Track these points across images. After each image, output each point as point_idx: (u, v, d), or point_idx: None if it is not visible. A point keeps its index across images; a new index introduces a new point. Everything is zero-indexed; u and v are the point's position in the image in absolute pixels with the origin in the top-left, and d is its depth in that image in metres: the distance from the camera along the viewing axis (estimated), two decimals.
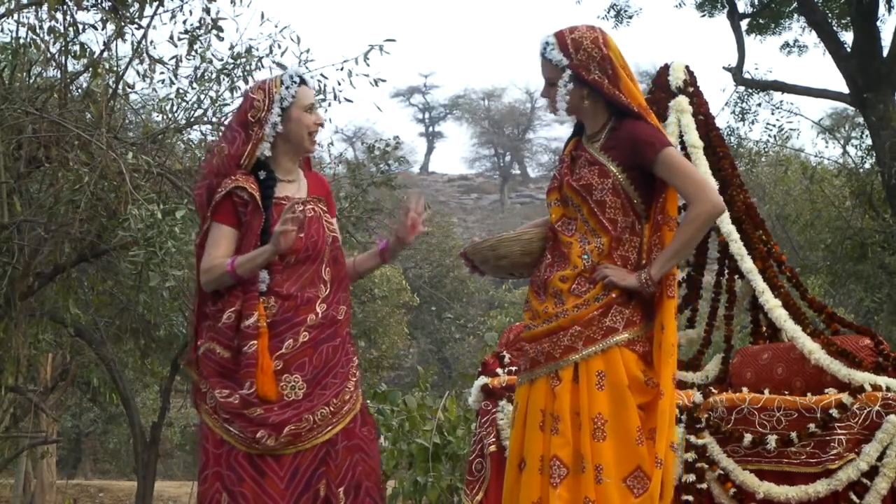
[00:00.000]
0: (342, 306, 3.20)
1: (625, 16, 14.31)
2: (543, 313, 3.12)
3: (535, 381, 3.12)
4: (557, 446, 3.00)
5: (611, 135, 3.15)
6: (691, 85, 4.76)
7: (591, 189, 3.09)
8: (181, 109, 6.35)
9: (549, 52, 3.15)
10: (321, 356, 3.10)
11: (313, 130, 3.23)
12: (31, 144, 5.51)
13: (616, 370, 3.01)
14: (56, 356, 10.65)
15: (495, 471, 4.53)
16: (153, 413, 12.64)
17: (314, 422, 3.05)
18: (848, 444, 3.93)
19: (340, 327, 3.17)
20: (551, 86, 3.18)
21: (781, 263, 4.67)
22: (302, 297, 3.10)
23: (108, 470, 20.69)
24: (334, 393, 3.10)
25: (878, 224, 11.94)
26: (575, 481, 2.96)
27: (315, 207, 3.22)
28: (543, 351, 3.10)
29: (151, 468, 8.99)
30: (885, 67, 11.29)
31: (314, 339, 3.09)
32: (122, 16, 5.61)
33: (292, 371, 3.06)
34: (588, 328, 3.04)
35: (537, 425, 3.07)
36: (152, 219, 4.89)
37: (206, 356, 3.16)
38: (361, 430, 3.17)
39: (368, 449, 3.17)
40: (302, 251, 3.13)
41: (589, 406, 2.99)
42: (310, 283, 3.14)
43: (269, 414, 3.02)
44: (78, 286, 6.82)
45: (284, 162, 3.24)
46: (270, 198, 3.14)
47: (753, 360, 4.63)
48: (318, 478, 3.05)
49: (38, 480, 12.36)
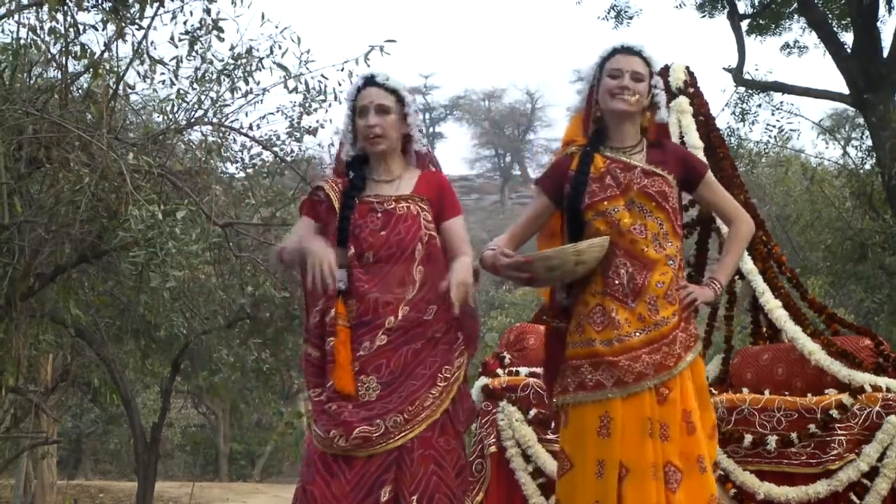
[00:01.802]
0: (431, 306, 3.10)
1: (625, 16, 14.33)
2: (638, 322, 3.15)
3: (636, 394, 3.12)
4: (670, 452, 3.09)
5: (654, 150, 3.30)
6: (692, 85, 4.76)
7: (666, 196, 3.22)
8: (182, 110, 6.34)
9: (646, 53, 3.30)
10: (400, 359, 3.04)
11: (365, 134, 3.21)
12: (31, 145, 5.50)
13: (700, 375, 3.25)
14: (56, 357, 10.64)
15: (495, 471, 4.53)
16: (154, 414, 12.63)
17: (386, 427, 3.00)
18: (848, 445, 3.93)
19: (427, 328, 3.08)
20: (639, 80, 3.26)
21: (782, 264, 4.68)
22: (382, 299, 3.06)
23: (108, 470, 20.68)
24: (410, 400, 3.02)
25: (879, 225, 11.94)
26: (695, 482, 3.08)
27: (411, 206, 3.18)
28: (653, 363, 3.12)
29: (152, 469, 8.98)
30: (886, 68, 11.29)
31: (393, 342, 3.04)
32: (122, 16, 5.61)
33: (368, 373, 3.03)
34: (685, 334, 3.19)
35: (644, 433, 3.10)
36: (153, 219, 4.89)
37: (303, 359, 3.19)
38: (439, 441, 3.06)
39: (444, 461, 3.06)
40: (383, 248, 3.10)
41: (699, 411, 3.16)
42: (397, 283, 3.09)
43: (343, 411, 2.99)
44: (78, 287, 6.81)
45: (375, 163, 3.25)
46: (352, 197, 3.16)
47: (754, 361, 4.63)
48: (381, 483, 2.99)
49: (39, 481, 12.35)
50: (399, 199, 3.18)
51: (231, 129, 6.49)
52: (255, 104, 6.41)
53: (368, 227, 3.12)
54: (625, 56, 3.29)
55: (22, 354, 6.44)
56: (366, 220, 3.14)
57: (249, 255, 6.71)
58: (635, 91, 3.24)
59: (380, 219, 3.14)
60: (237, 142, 6.74)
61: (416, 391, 3.04)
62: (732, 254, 3.37)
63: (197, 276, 6.37)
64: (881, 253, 11.93)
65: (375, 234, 3.11)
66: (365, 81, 3.25)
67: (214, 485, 16.59)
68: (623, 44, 3.32)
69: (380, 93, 3.23)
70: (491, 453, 4.56)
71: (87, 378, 10.62)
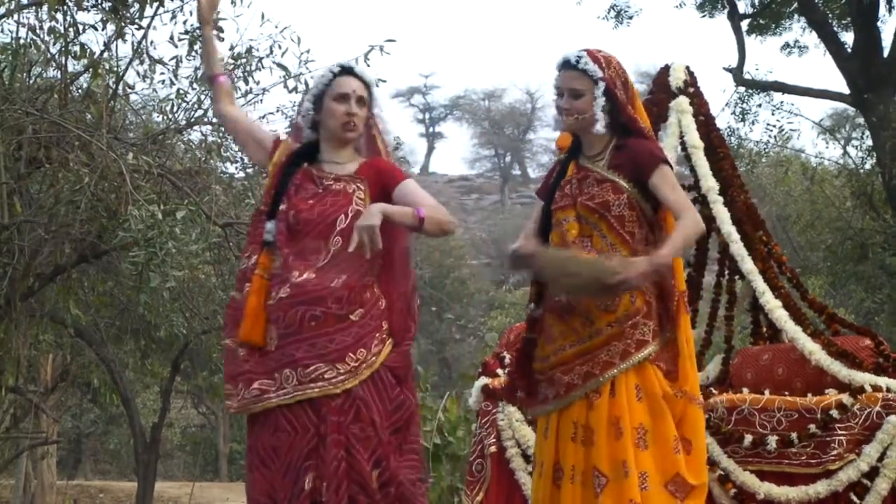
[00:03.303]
0: (342, 276, 3.08)
1: (625, 16, 14.34)
2: (573, 333, 3.16)
3: (571, 404, 3.16)
4: (595, 457, 3.09)
5: (616, 153, 3.24)
6: (692, 85, 4.76)
7: (608, 206, 3.18)
8: (181, 110, 6.34)
9: (583, 62, 3.20)
10: (296, 316, 3.04)
11: (344, 121, 3.22)
12: (31, 145, 5.50)
13: (651, 383, 3.14)
14: (56, 357, 10.64)
15: (496, 471, 4.53)
16: (153, 414, 12.64)
17: (280, 382, 3.02)
18: (848, 445, 3.93)
19: (329, 298, 3.05)
20: (577, 97, 3.21)
21: (782, 264, 4.67)
22: (298, 258, 3.10)
23: (108, 470, 20.70)
24: (304, 363, 3.02)
25: (879, 225, 11.95)
26: (617, 488, 3.05)
27: (348, 185, 3.20)
28: (581, 373, 3.14)
29: (152, 469, 8.98)
30: (886, 68, 11.29)
31: (294, 296, 3.05)
32: (122, 16, 5.60)
33: (271, 322, 3.07)
34: (623, 342, 3.12)
35: (569, 437, 3.15)
36: (153, 219, 4.89)
37: (229, 305, 3.21)
38: (351, 427, 3.03)
39: (354, 448, 3.01)
40: (305, 214, 3.14)
41: (630, 416, 3.09)
42: (311, 250, 3.11)
43: (249, 361, 3.05)
44: (78, 287, 6.81)
45: (327, 147, 3.28)
46: (297, 164, 3.22)
47: (754, 361, 4.63)
48: (305, 470, 3.00)
49: (39, 481, 12.36)
50: (339, 178, 3.23)
51: None
52: (254, 104, 6.41)
53: (301, 193, 3.18)
54: (564, 72, 3.25)
55: (22, 354, 6.44)
56: (303, 184, 3.20)
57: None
58: (573, 110, 3.22)
59: (314, 190, 3.19)
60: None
61: (313, 358, 3.04)
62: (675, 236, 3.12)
63: (197, 276, 6.37)
64: (881, 253, 11.94)
65: (305, 201, 3.16)
66: (343, 69, 3.28)
67: (214, 485, 16.60)
68: (561, 59, 3.26)
69: (360, 84, 3.27)
70: (491, 453, 4.56)
71: (87, 378, 10.62)
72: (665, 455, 3.10)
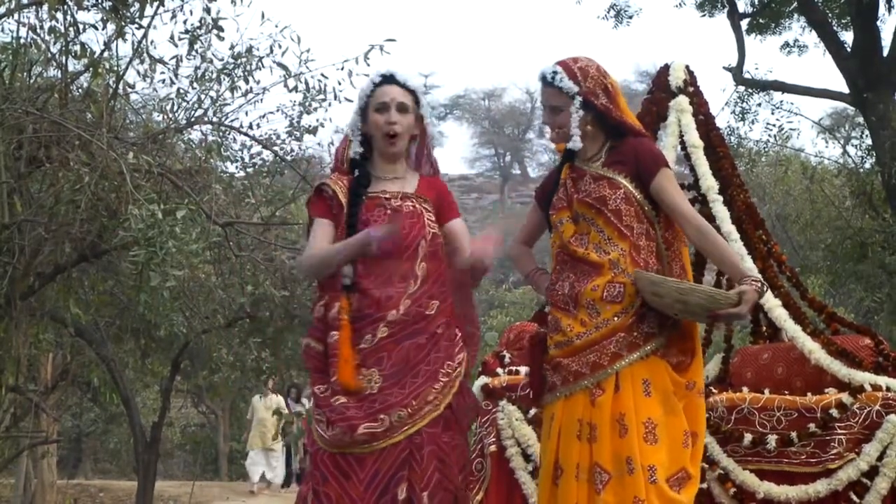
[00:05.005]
0: (434, 301, 3.10)
1: (625, 16, 14.35)
2: (580, 325, 3.17)
3: (574, 394, 3.17)
4: (597, 454, 3.10)
5: (612, 152, 3.27)
6: (691, 85, 4.76)
7: (605, 200, 3.19)
8: (182, 109, 6.33)
9: (558, 80, 3.22)
10: (402, 353, 3.04)
11: (385, 131, 3.18)
12: (31, 144, 5.49)
13: (661, 377, 3.14)
14: (56, 356, 10.63)
15: (495, 471, 4.54)
16: (153, 413, 12.63)
17: (391, 423, 3.00)
18: (848, 444, 3.93)
19: (429, 323, 3.08)
20: (557, 113, 3.24)
21: (781, 263, 4.68)
22: (384, 293, 3.06)
23: (108, 470, 20.67)
24: (414, 394, 3.02)
25: (879, 224, 11.94)
26: (620, 484, 3.05)
27: (415, 204, 3.18)
28: (588, 362, 3.15)
29: (152, 468, 8.97)
30: (886, 67, 11.29)
31: (395, 335, 3.04)
32: (122, 16, 5.60)
33: (369, 366, 3.02)
34: (630, 334, 3.13)
35: (574, 435, 3.15)
36: (153, 219, 4.88)
37: (305, 352, 3.18)
38: (443, 437, 3.06)
39: (447, 457, 3.05)
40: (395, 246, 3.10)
41: (636, 411, 3.09)
42: (400, 277, 3.08)
43: (348, 408, 2.99)
44: (78, 286, 6.81)
45: (380, 161, 3.24)
46: (358, 195, 3.15)
47: (753, 360, 4.63)
48: (398, 481, 2.99)
49: (39, 480, 12.34)
50: (405, 196, 3.19)
51: (231, 129, 6.49)
52: (254, 103, 6.40)
53: (377, 222, 3.12)
54: (543, 88, 3.29)
55: (22, 354, 6.44)
56: (373, 215, 3.15)
57: (249, 255, 6.71)
58: (554, 125, 3.26)
59: (387, 214, 3.14)
60: (237, 141, 6.74)
61: (419, 386, 3.04)
62: (723, 246, 3.23)
63: (197, 276, 6.36)
64: (881, 252, 11.93)
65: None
66: (383, 79, 3.23)
67: (214, 484, 16.59)
68: (539, 74, 3.28)
69: (401, 91, 3.22)
70: (491, 452, 4.56)
71: (87, 377, 10.61)
72: (675, 450, 3.12)
